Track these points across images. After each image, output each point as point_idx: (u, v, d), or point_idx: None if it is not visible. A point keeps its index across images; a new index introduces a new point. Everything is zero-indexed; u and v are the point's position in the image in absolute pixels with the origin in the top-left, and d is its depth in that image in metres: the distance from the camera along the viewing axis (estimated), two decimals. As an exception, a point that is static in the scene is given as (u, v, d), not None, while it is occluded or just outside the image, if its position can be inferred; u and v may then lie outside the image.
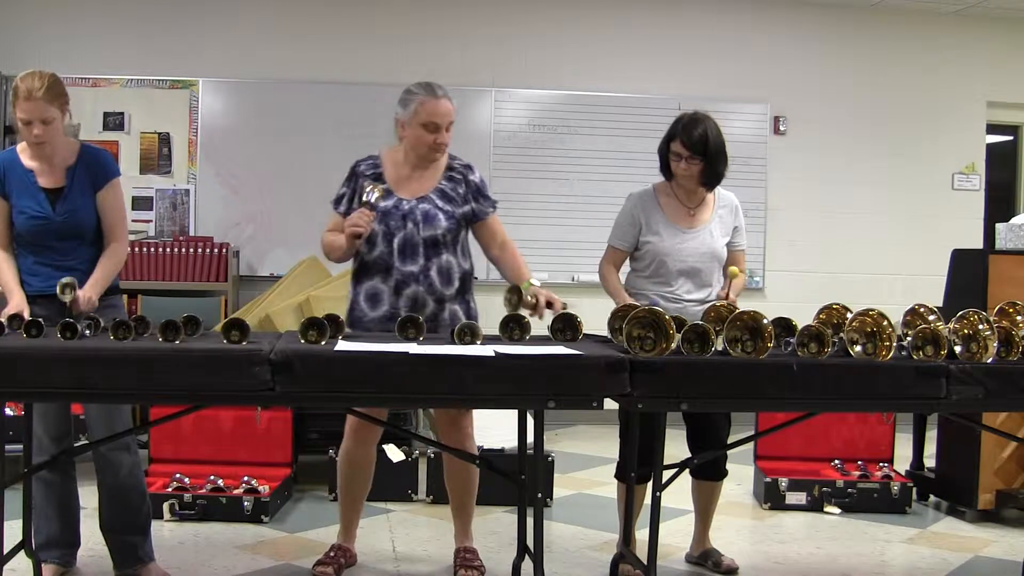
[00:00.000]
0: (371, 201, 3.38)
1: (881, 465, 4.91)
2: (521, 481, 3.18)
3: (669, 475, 3.01)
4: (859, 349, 2.91)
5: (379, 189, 3.41)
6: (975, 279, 4.52)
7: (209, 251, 6.46)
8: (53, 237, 3.30)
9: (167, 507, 4.26)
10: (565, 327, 3.18)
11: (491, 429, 4.54)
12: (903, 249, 7.39)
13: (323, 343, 2.81)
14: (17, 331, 3.00)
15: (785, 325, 2.98)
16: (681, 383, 2.76)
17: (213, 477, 4.43)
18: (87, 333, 2.92)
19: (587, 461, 5.74)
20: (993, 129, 7.75)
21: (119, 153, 6.68)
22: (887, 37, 7.47)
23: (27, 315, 3.14)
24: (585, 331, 3.19)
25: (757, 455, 4.96)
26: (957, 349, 2.94)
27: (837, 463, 4.91)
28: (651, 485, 2.98)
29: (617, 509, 3.74)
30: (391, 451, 4.67)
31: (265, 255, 6.86)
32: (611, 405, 2.81)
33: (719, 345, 2.87)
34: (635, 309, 2.92)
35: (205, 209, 6.82)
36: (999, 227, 4.78)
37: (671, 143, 3.64)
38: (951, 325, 2.98)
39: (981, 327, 2.94)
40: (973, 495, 4.54)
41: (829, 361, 2.86)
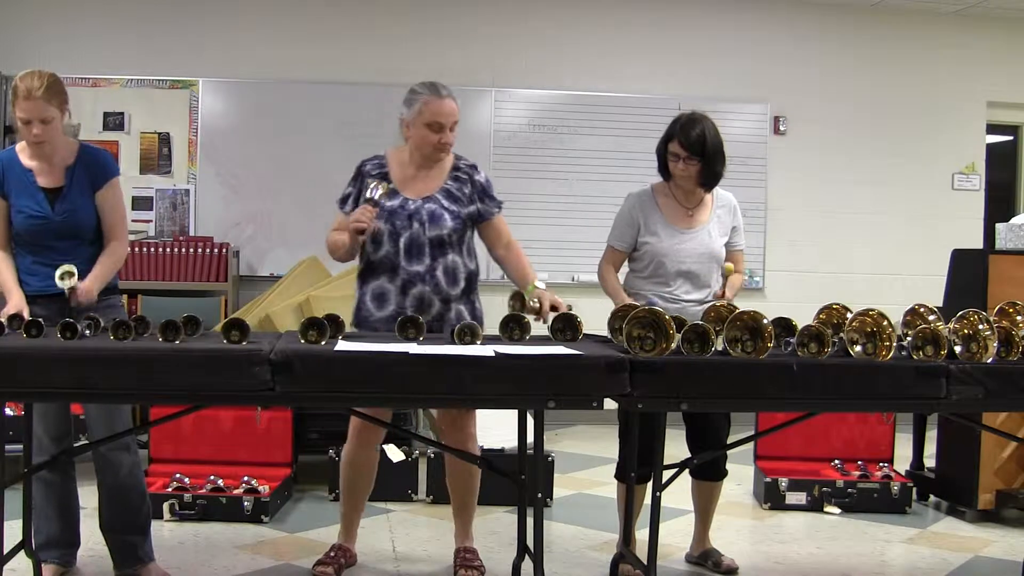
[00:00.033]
0: (375, 198, 3.39)
1: (881, 465, 4.91)
2: (521, 481, 3.17)
3: (669, 475, 3.01)
4: (859, 349, 2.91)
5: (383, 186, 3.41)
6: (975, 279, 4.52)
7: (209, 251, 6.46)
8: (52, 237, 3.30)
9: (167, 507, 4.26)
10: (565, 327, 3.18)
11: (491, 429, 4.53)
12: (903, 249, 7.39)
13: (323, 343, 2.82)
14: (17, 331, 3.00)
15: (785, 325, 2.98)
16: (681, 383, 2.76)
17: (213, 477, 4.43)
18: (87, 333, 2.92)
19: (587, 461, 5.74)
20: (993, 129, 7.74)
21: (119, 153, 6.68)
22: (887, 37, 7.47)
23: (27, 315, 3.14)
24: (585, 331, 3.19)
25: (757, 455, 4.96)
26: (957, 349, 2.94)
27: (837, 463, 4.91)
28: (651, 485, 2.99)
29: (617, 509, 3.74)
30: (391, 451, 4.67)
31: (265, 255, 6.86)
32: (611, 405, 2.81)
33: (719, 345, 2.87)
34: (635, 309, 2.92)
35: (205, 209, 6.82)
36: (999, 227, 4.78)
37: (669, 143, 3.63)
38: (951, 325, 2.98)
39: (981, 327, 2.94)
40: (973, 495, 4.54)
41: (829, 361, 2.86)
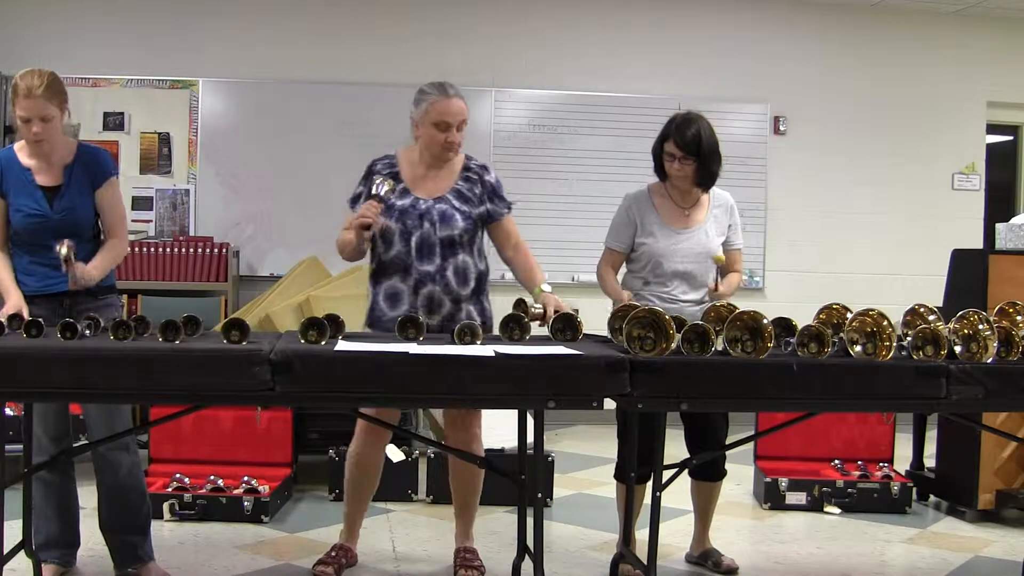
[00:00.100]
0: (380, 194, 3.39)
1: (881, 465, 4.91)
2: (521, 481, 3.17)
3: (669, 475, 3.01)
4: (859, 349, 2.91)
5: (389, 182, 3.42)
6: (975, 279, 4.52)
7: (209, 251, 6.46)
8: (50, 235, 3.29)
9: (167, 507, 4.26)
10: (565, 327, 3.18)
11: (491, 429, 4.52)
12: (903, 249, 7.39)
13: (323, 343, 2.82)
14: (17, 331, 3.00)
15: (785, 325, 2.98)
16: (681, 383, 2.76)
17: (213, 477, 4.43)
18: (87, 333, 2.92)
19: (587, 461, 5.74)
20: (993, 129, 7.74)
21: (119, 153, 6.68)
22: (887, 37, 7.46)
23: (26, 314, 3.14)
24: (585, 331, 3.19)
25: (757, 455, 4.96)
26: (957, 349, 2.94)
27: (837, 463, 4.91)
28: (651, 485, 2.98)
29: (617, 509, 3.74)
30: (391, 451, 4.66)
31: (265, 255, 6.85)
32: (611, 405, 2.81)
33: (719, 345, 2.87)
34: (635, 309, 2.92)
35: (205, 209, 6.82)
36: (999, 227, 4.78)
37: (664, 143, 3.63)
38: (951, 325, 2.98)
39: (981, 327, 2.94)
40: (973, 495, 4.54)
41: (829, 361, 2.86)
